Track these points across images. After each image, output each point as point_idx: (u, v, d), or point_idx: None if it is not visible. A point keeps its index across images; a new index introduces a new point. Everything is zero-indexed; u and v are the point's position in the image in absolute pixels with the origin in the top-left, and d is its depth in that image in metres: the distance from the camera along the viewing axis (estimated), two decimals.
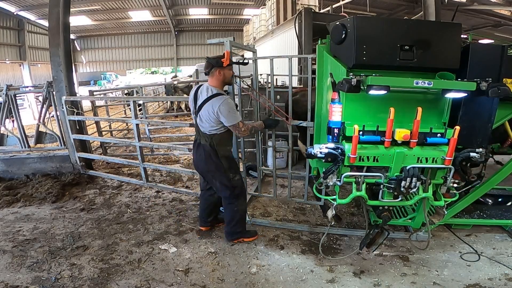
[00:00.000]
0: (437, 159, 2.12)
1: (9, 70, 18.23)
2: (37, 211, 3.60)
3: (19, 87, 5.30)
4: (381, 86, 1.92)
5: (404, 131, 2.05)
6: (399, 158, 2.11)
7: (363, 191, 2.24)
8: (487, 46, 2.14)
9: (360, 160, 2.13)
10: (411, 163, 2.12)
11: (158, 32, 23.62)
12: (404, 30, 2.06)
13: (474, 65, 2.05)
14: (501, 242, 2.88)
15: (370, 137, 2.14)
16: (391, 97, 2.07)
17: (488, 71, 2.03)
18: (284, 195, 3.97)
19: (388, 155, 2.11)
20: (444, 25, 2.13)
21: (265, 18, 10.40)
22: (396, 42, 2.03)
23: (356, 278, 2.43)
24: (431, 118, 2.21)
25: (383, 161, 2.14)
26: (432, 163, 2.13)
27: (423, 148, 2.15)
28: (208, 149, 2.62)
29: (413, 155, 2.11)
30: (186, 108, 11.11)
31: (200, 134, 2.65)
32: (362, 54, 2.06)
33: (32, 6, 16.53)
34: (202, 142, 2.64)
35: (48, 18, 4.42)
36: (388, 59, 2.06)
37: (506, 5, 12.48)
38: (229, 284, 2.39)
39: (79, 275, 2.47)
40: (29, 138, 4.68)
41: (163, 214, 3.49)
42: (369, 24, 2.08)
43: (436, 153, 2.12)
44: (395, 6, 14.88)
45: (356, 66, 2.11)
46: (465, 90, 1.96)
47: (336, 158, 2.14)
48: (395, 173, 2.18)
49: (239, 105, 3.36)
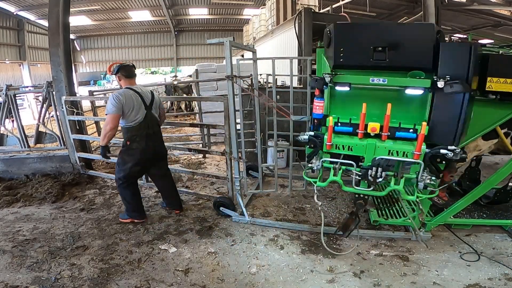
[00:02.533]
0: (407, 153, 2.25)
1: (9, 70, 18.22)
2: (37, 211, 3.60)
3: (19, 87, 5.30)
4: (344, 83, 2.29)
5: (373, 125, 2.28)
6: (371, 149, 2.32)
7: (339, 177, 2.46)
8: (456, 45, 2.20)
9: (336, 148, 2.42)
10: (383, 155, 2.30)
11: (158, 32, 23.62)
12: (377, 33, 2.28)
13: (445, 63, 2.13)
14: (501, 242, 2.88)
15: (344, 128, 2.45)
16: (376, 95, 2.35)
17: (458, 69, 2.10)
18: (284, 195, 3.98)
19: (361, 145, 2.35)
20: (415, 27, 2.29)
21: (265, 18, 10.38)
22: (370, 44, 2.24)
23: (356, 278, 2.43)
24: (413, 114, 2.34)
25: (357, 150, 2.37)
26: (402, 157, 2.26)
27: (396, 142, 2.32)
28: (160, 134, 3.25)
29: (384, 147, 2.29)
30: (186, 108, 11.11)
31: (153, 123, 3.11)
32: (339, 56, 2.35)
33: (32, 6, 16.52)
34: (156, 129, 3.16)
35: (48, 18, 4.41)
36: (362, 60, 2.30)
37: (506, 5, 12.48)
38: (229, 284, 2.39)
39: (79, 275, 2.47)
40: (29, 138, 4.68)
41: (163, 214, 3.49)
42: (346, 30, 2.38)
43: (407, 148, 2.25)
44: (395, 6, 14.87)
45: (336, 67, 2.40)
46: (420, 87, 2.12)
47: (316, 144, 2.47)
48: (367, 163, 2.36)
49: (239, 105, 3.37)
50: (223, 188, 4.20)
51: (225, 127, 3.29)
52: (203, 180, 4.55)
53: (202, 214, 3.47)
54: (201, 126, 5.23)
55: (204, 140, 5.80)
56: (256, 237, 3.02)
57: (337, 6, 11.16)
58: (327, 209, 3.58)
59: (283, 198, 3.91)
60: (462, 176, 3.62)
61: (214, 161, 5.49)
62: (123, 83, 3.04)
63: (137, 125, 2.96)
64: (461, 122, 2.17)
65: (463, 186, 3.53)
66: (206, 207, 3.66)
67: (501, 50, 2.60)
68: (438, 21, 6.65)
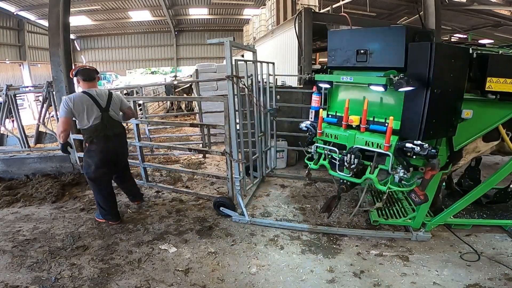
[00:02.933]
0: (380, 145, 2.42)
1: (9, 70, 18.24)
2: (37, 211, 3.60)
3: (19, 87, 5.30)
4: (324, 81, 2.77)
5: (352, 117, 2.59)
6: (351, 139, 2.61)
7: (326, 161, 2.81)
8: (419, 44, 2.24)
9: (326, 136, 2.79)
10: (361, 145, 2.54)
11: (158, 32, 23.65)
12: (361, 38, 2.56)
13: (412, 62, 2.26)
14: (501, 242, 2.88)
15: (330, 119, 2.82)
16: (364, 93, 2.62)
17: (422, 68, 2.20)
18: (284, 195, 3.98)
19: (344, 135, 2.67)
20: (389, 30, 2.45)
21: (265, 18, 10.39)
22: (355, 48, 2.53)
23: (356, 278, 2.43)
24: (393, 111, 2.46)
25: (341, 139, 2.69)
26: (376, 148, 2.46)
27: (373, 134, 2.52)
28: (124, 135, 3.31)
29: (362, 138, 2.55)
30: (186, 108, 11.12)
31: (113, 125, 3.13)
32: (331, 59, 2.77)
33: (32, 6, 16.55)
34: (118, 131, 3.18)
35: (48, 18, 4.41)
36: (348, 62, 2.63)
37: (506, 5, 12.48)
38: (229, 284, 2.39)
39: (79, 275, 2.48)
40: (29, 138, 4.68)
41: (163, 214, 3.49)
42: (337, 36, 2.77)
43: (380, 140, 2.43)
44: (395, 6, 14.88)
45: (331, 68, 2.83)
46: (379, 84, 2.32)
47: (312, 132, 2.88)
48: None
49: (238, 105, 3.37)
50: (223, 188, 4.21)
51: (225, 127, 3.29)
52: (203, 180, 4.55)
53: (202, 214, 3.48)
54: (201, 126, 5.23)
55: (204, 140, 5.81)
56: (256, 237, 3.02)
57: (337, 6, 11.17)
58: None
59: (283, 198, 3.91)
60: (462, 176, 3.62)
61: (214, 161, 5.49)
62: (82, 86, 3.13)
63: (92, 127, 2.99)
64: (424, 118, 2.24)
65: (463, 186, 3.54)
66: (206, 207, 3.66)
67: (501, 50, 2.60)
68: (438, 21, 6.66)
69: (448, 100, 2.31)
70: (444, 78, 2.22)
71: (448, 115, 2.36)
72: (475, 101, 2.51)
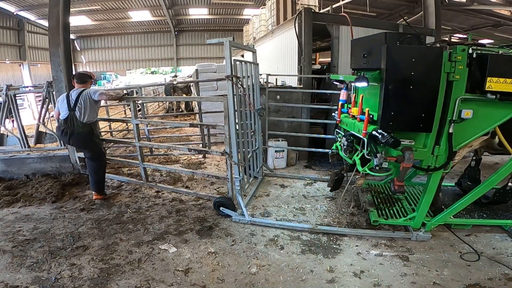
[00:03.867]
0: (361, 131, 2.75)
1: (9, 70, 18.23)
2: (37, 211, 3.60)
3: (19, 87, 5.31)
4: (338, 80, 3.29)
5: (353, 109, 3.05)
6: (353, 126, 3.00)
7: (338, 144, 3.35)
8: (384, 48, 2.44)
9: (342, 124, 3.29)
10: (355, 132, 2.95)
11: (158, 32, 23.63)
12: (365, 44, 2.97)
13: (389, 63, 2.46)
14: (501, 242, 2.88)
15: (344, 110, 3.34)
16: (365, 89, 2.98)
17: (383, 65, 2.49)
18: (284, 195, 3.98)
19: (351, 123, 3.06)
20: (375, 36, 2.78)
21: (265, 18, 10.37)
22: (362, 52, 2.92)
23: (356, 278, 2.43)
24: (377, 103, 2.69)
25: (349, 127, 3.09)
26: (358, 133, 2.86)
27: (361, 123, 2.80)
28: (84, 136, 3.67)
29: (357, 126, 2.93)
30: (186, 108, 11.11)
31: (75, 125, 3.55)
32: (351, 62, 3.40)
33: (32, 6, 16.53)
34: (78, 131, 3.57)
35: (48, 18, 4.41)
36: (358, 64, 3.10)
37: (506, 5, 12.47)
38: (229, 284, 2.39)
39: (79, 275, 2.48)
40: (29, 138, 4.68)
41: (163, 214, 3.49)
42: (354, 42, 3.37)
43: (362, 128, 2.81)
44: (395, 6, 14.86)
45: (353, 69, 3.34)
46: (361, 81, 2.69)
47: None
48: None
49: (237, 105, 3.37)
50: (223, 188, 4.21)
51: (225, 127, 3.29)
52: (203, 180, 4.55)
53: (202, 214, 3.48)
54: (201, 126, 5.23)
55: (204, 140, 5.80)
56: (256, 237, 3.02)
57: (337, 6, 11.16)
58: (327, 209, 3.58)
59: (283, 198, 3.91)
60: (462, 176, 3.62)
61: (214, 161, 5.49)
62: (76, 87, 3.66)
63: (62, 120, 3.58)
64: (381, 109, 2.51)
65: (463, 186, 3.54)
66: (206, 207, 3.66)
67: (501, 50, 2.60)
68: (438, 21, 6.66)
69: (410, 96, 2.46)
70: (399, 76, 2.43)
71: (413, 111, 2.50)
72: (475, 101, 2.51)
